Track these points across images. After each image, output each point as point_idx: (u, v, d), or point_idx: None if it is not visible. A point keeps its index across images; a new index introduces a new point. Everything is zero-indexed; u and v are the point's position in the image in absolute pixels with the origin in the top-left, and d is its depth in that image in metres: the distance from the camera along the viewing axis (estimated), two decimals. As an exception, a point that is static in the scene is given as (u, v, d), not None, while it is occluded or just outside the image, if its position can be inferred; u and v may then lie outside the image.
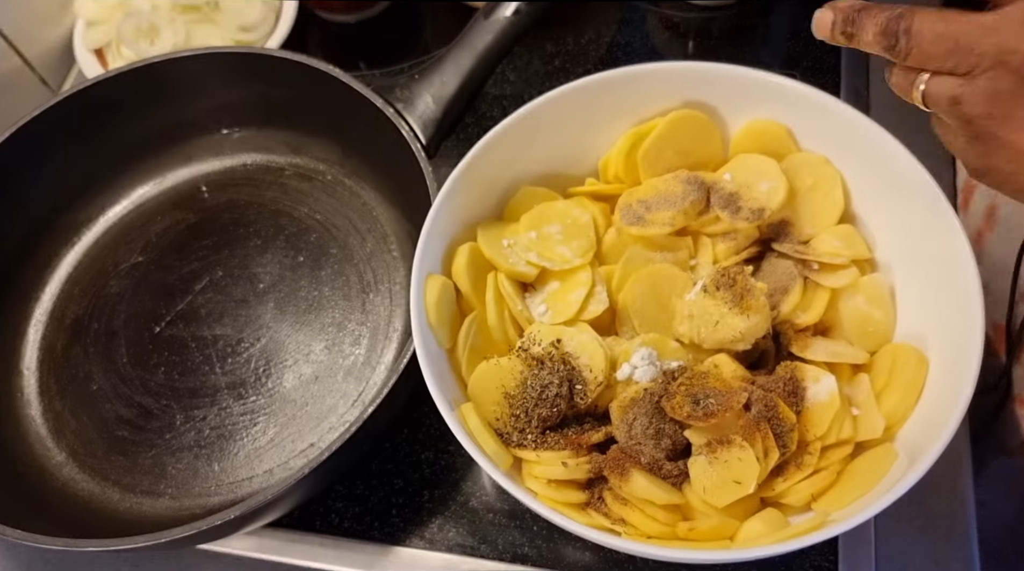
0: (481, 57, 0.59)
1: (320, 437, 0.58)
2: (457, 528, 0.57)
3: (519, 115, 0.53)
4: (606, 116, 0.56)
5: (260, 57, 0.65)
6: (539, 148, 0.55)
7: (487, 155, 0.53)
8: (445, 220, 0.52)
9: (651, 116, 0.56)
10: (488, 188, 0.55)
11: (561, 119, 0.55)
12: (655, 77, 0.55)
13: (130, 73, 0.66)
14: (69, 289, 0.67)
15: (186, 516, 0.56)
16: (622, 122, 0.56)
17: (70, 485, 0.58)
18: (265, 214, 0.68)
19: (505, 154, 0.54)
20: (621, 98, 0.55)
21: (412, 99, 0.60)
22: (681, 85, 0.55)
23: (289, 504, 0.52)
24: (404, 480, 0.59)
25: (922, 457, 0.41)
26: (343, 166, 0.69)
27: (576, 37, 0.80)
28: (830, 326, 0.52)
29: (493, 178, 0.55)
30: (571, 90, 0.54)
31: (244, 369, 0.61)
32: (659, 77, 0.55)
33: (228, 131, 0.71)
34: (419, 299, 0.49)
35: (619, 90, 0.55)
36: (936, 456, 0.41)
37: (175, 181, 0.71)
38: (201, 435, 0.59)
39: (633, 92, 0.55)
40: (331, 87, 0.62)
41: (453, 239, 0.53)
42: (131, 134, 0.69)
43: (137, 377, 0.62)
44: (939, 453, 0.41)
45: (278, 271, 0.65)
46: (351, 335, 0.62)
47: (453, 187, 0.51)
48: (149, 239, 0.68)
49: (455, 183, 0.52)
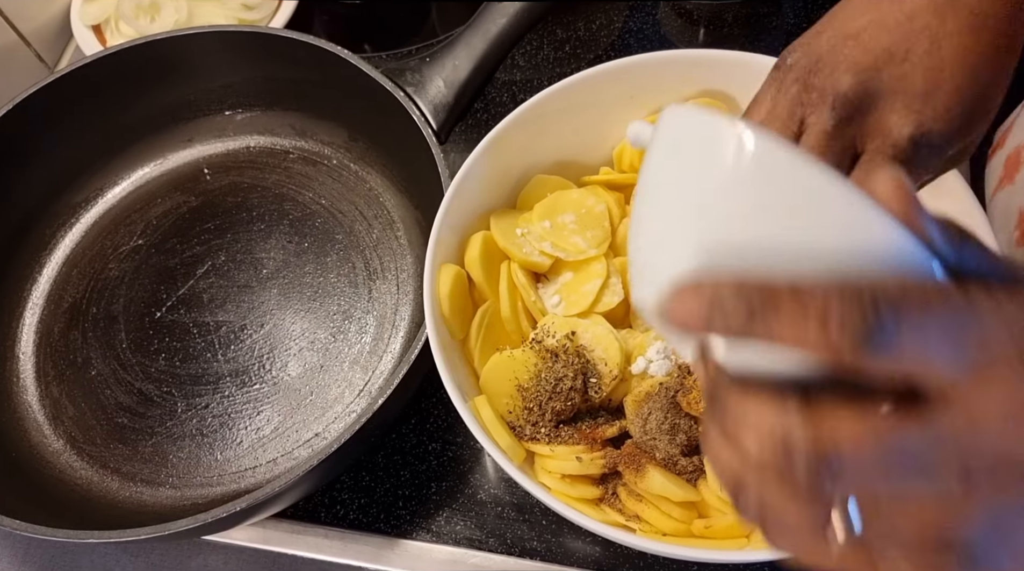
0: (494, 41, 0.58)
1: (325, 427, 0.57)
2: (464, 521, 0.56)
3: (532, 103, 0.52)
4: (620, 104, 0.55)
5: (265, 37, 0.63)
6: (552, 136, 0.54)
7: (500, 143, 0.52)
8: (457, 209, 0.51)
9: (667, 104, 0.54)
10: (501, 176, 0.54)
11: (575, 107, 0.54)
12: (670, 64, 0.54)
13: (130, 51, 0.64)
14: (67, 272, 0.65)
15: (188, 506, 0.55)
16: (637, 110, 0.55)
17: (68, 473, 0.57)
18: (269, 198, 0.67)
19: (518, 142, 0.53)
20: (636, 86, 0.54)
21: (423, 83, 0.58)
22: (697, 72, 0.54)
23: (295, 496, 0.51)
24: (411, 472, 0.58)
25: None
26: (350, 150, 0.68)
27: (587, 23, 0.78)
28: None
29: (506, 166, 0.54)
30: (585, 78, 0.53)
31: (247, 356, 0.60)
32: (675, 65, 0.54)
33: (231, 112, 0.69)
34: (432, 289, 0.47)
35: (634, 78, 0.54)
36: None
37: (176, 163, 0.69)
38: (203, 423, 0.58)
39: (648, 80, 0.54)
40: (338, 69, 0.60)
41: (466, 228, 0.52)
42: (131, 114, 0.67)
43: (137, 363, 0.60)
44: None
45: (282, 257, 0.64)
46: (357, 323, 0.61)
47: (466, 175, 0.50)
48: (150, 222, 0.67)
49: (468, 171, 0.50)
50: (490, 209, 0.53)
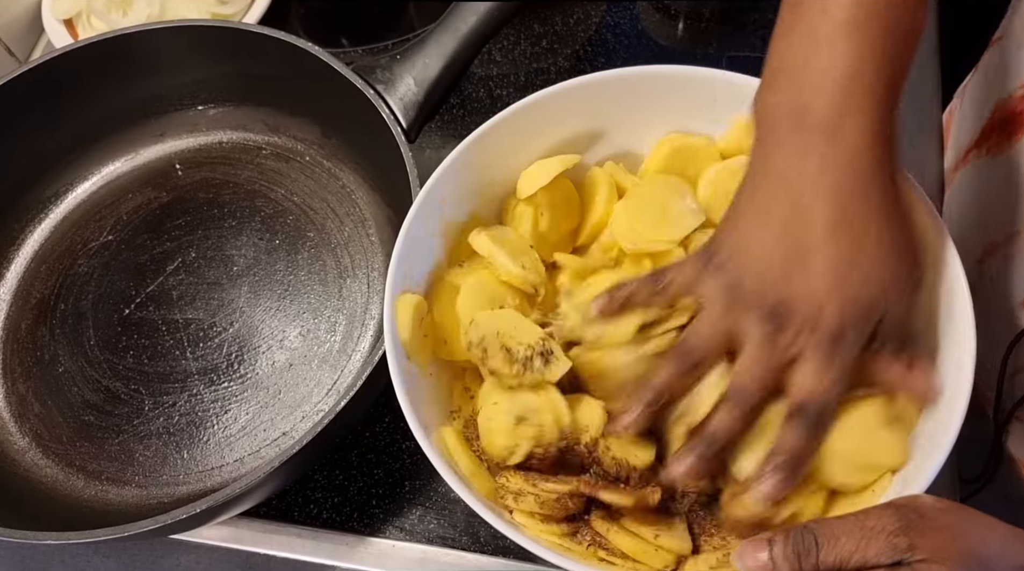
0: (465, 39, 0.57)
1: (293, 426, 0.57)
2: (438, 519, 0.56)
3: (501, 118, 0.51)
4: (600, 116, 0.54)
5: (237, 32, 0.63)
6: (524, 152, 0.53)
7: (466, 157, 0.50)
8: (416, 240, 0.49)
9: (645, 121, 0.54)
10: (471, 194, 0.53)
11: (547, 120, 0.52)
12: (652, 79, 0.52)
13: (101, 44, 0.63)
14: (35, 268, 0.65)
15: (153, 505, 0.55)
16: (617, 121, 0.54)
17: (33, 471, 0.56)
18: (241, 194, 0.66)
19: (484, 159, 0.52)
20: (613, 99, 0.53)
21: (393, 81, 0.58)
22: (673, 87, 0.52)
23: (260, 496, 0.51)
24: (384, 470, 0.58)
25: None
26: (322, 147, 0.67)
27: (564, 17, 0.78)
28: None
29: (475, 182, 0.52)
30: (559, 91, 0.51)
31: (216, 354, 0.59)
32: (655, 79, 0.52)
33: (204, 107, 0.69)
34: (392, 323, 0.46)
35: (612, 90, 0.52)
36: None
37: (147, 158, 0.69)
38: (170, 421, 0.57)
39: (624, 94, 0.53)
40: (310, 65, 0.60)
41: (435, 244, 0.51)
42: (102, 108, 0.66)
43: (105, 360, 0.60)
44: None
45: (253, 254, 0.63)
46: (327, 322, 0.60)
47: (425, 200, 0.49)
48: (119, 217, 0.66)
49: (426, 197, 0.49)
50: (457, 230, 0.52)
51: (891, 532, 0.32)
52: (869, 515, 0.33)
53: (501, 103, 0.72)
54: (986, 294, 0.59)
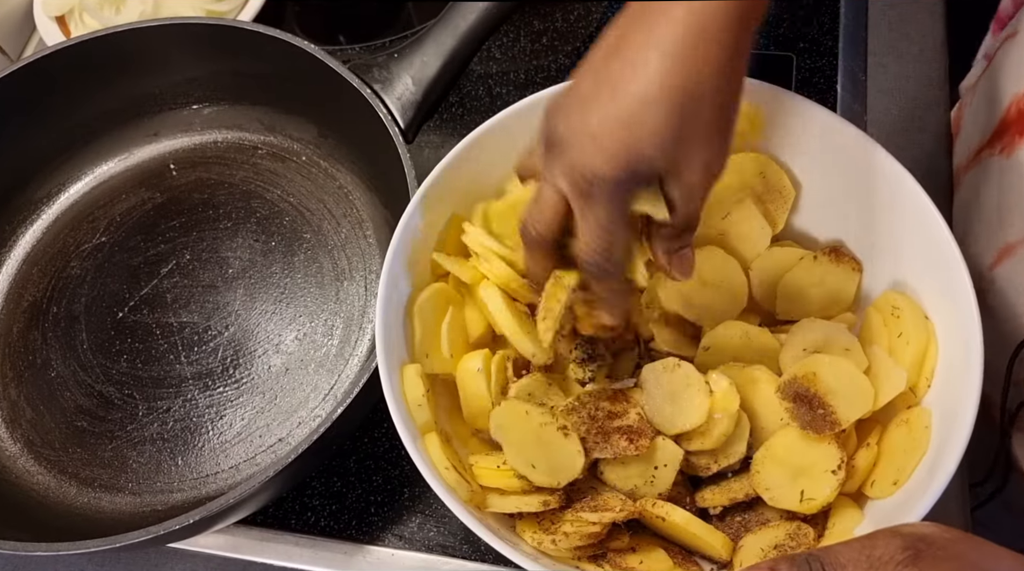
0: (464, 37, 0.56)
1: (289, 432, 0.56)
2: (437, 527, 0.55)
3: (493, 122, 0.50)
4: None
5: (231, 30, 0.62)
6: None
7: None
8: (411, 242, 0.49)
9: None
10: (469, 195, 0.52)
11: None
12: None
13: (94, 42, 0.62)
14: (27, 270, 0.64)
15: (147, 513, 0.54)
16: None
17: (24, 478, 0.55)
18: (236, 195, 0.65)
19: (478, 164, 0.51)
20: None
21: (391, 80, 0.57)
22: None
23: (256, 504, 0.50)
24: (383, 477, 0.57)
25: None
26: (319, 147, 0.66)
27: (564, 14, 0.77)
28: None
29: (473, 186, 0.51)
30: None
31: (211, 359, 0.59)
32: None
33: (198, 106, 0.68)
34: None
35: None
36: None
37: (141, 158, 0.68)
38: (165, 427, 0.56)
39: None
40: (306, 64, 0.59)
41: (431, 245, 0.50)
42: (94, 107, 0.66)
43: (98, 365, 0.59)
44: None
45: (248, 256, 0.62)
46: (324, 325, 0.59)
47: (421, 201, 0.48)
48: (113, 219, 0.65)
49: (423, 198, 0.48)
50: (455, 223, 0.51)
51: (899, 562, 0.31)
52: (876, 544, 0.33)
53: (501, 101, 0.72)
54: (996, 302, 0.58)
